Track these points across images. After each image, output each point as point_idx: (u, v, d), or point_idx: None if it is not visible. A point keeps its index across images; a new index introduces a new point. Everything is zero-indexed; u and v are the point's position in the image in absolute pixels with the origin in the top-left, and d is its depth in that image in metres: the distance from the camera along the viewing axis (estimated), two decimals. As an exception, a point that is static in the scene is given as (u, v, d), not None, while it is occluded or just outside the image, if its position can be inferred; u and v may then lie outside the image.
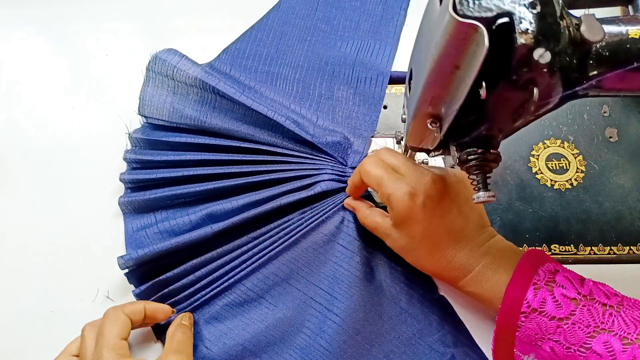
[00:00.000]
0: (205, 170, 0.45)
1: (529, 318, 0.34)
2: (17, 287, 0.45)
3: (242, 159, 0.46)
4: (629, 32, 0.26)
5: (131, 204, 0.46)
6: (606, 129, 0.49)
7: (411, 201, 0.36)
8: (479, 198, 0.30)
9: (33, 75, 0.54)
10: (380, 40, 0.53)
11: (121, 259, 0.42)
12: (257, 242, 0.43)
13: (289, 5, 0.56)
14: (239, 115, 0.47)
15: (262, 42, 0.53)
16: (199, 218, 0.43)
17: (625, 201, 0.46)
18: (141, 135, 0.48)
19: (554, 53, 0.23)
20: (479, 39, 0.22)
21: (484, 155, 0.30)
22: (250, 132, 0.46)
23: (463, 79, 0.24)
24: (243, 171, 0.45)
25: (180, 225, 0.44)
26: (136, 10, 0.58)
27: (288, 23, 0.55)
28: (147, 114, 0.49)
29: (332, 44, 0.53)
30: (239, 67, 0.52)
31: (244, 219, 0.42)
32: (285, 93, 0.50)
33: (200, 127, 0.47)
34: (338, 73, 0.51)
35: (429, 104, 0.29)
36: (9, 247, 0.47)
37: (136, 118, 0.51)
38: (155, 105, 0.48)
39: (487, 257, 0.37)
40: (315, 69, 0.52)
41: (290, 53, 0.53)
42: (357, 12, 0.55)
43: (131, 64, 0.54)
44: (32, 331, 0.44)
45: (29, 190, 0.49)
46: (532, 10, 0.23)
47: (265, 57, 0.52)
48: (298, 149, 0.47)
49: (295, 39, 0.54)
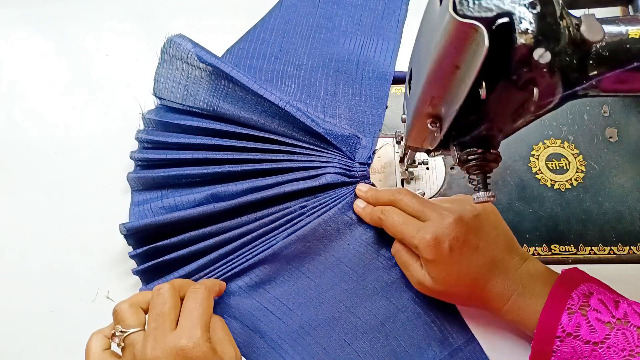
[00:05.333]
0: (215, 154, 0.46)
1: (564, 342, 0.34)
2: (17, 287, 0.45)
3: (251, 147, 0.46)
4: (629, 32, 0.26)
5: (139, 180, 0.47)
6: (606, 129, 0.49)
7: (438, 248, 0.37)
8: (479, 198, 0.30)
9: (33, 75, 0.54)
10: (382, 37, 0.54)
11: (122, 225, 0.43)
12: (258, 223, 0.44)
13: (291, 4, 0.56)
14: (250, 104, 0.47)
15: (265, 41, 0.53)
16: (203, 197, 0.44)
17: (625, 201, 0.46)
18: (154, 117, 0.49)
19: (554, 53, 0.23)
20: (479, 39, 0.22)
21: (484, 155, 0.30)
22: (261, 120, 0.47)
23: (463, 79, 0.24)
24: (251, 158, 0.45)
25: (184, 202, 0.45)
26: (136, 10, 0.58)
27: (290, 21, 0.55)
28: (162, 96, 0.49)
29: (336, 41, 0.54)
30: (244, 67, 0.52)
31: (246, 201, 0.43)
32: (291, 91, 0.51)
33: (212, 111, 0.48)
34: (343, 70, 0.52)
35: (429, 104, 0.29)
36: (9, 247, 0.47)
37: (136, 118, 0.51)
38: (170, 87, 0.49)
39: (521, 284, 0.37)
40: (320, 66, 0.52)
41: (294, 51, 0.53)
42: (359, 9, 0.55)
43: (131, 64, 0.54)
44: (32, 331, 0.44)
45: (29, 190, 0.49)
46: (532, 10, 0.23)
47: (269, 56, 0.52)
48: (307, 141, 0.47)
49: (298, 36, 0.54)
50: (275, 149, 0.46)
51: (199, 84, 0.49)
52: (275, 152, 0.46)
